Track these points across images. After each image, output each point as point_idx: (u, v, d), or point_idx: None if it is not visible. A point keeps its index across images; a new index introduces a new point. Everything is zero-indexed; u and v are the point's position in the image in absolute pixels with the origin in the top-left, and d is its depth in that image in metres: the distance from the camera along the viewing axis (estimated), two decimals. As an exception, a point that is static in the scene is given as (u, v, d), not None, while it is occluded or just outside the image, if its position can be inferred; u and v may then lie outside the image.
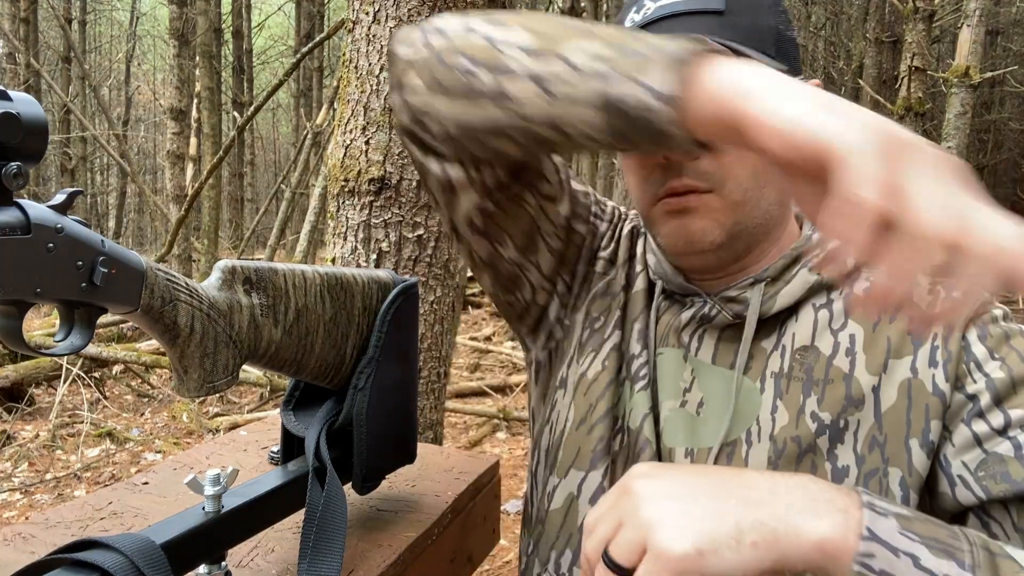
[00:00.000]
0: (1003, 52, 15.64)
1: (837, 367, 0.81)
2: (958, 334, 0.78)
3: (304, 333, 0.81)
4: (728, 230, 0.81)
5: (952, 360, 0.77)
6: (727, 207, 0.80)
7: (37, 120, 0.54)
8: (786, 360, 0.83)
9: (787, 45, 0.81)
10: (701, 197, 0.80)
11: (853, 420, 0.79)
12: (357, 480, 0.88)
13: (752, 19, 0.78)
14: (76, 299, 0.58)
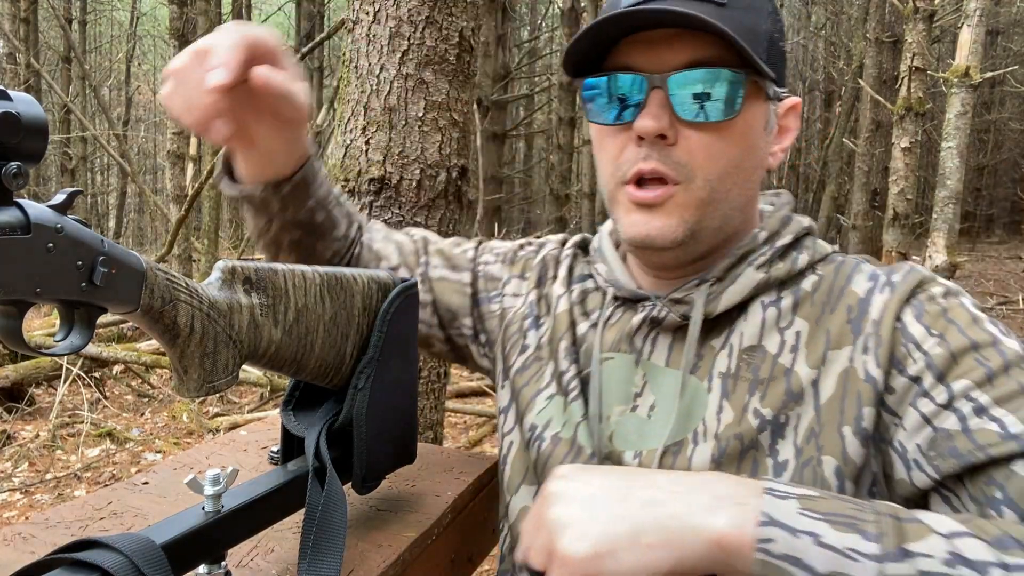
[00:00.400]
0: (1003, 52, 15.64)
1: (781, 364, 0.81)
2: (890, 318, 0.77)
3: (304, 333, 0.81)
4: (690, 227, 0.81)
5: (884, 345, 0.77)
6: (693, 203, 0.80)
7: (37, 120, 0.54)
8: (733, 360, 0.84)
9: (777, 55, 0.82)
10: (669, 190, 0.80)
11: (794, 415, 0.79)
12: (357, 480, 0.88)
13: (751, 20, 0.78)
14: (76, 299, 0.58)
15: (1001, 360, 0.70)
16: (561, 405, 0.93)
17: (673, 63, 0.77)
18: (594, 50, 0.82)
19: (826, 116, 15.77)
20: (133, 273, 0.62)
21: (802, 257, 0.85)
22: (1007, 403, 0.68)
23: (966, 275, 10.58)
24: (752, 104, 0.80)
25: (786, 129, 0.88)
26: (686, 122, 0.78)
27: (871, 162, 7.25)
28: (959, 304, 0.76)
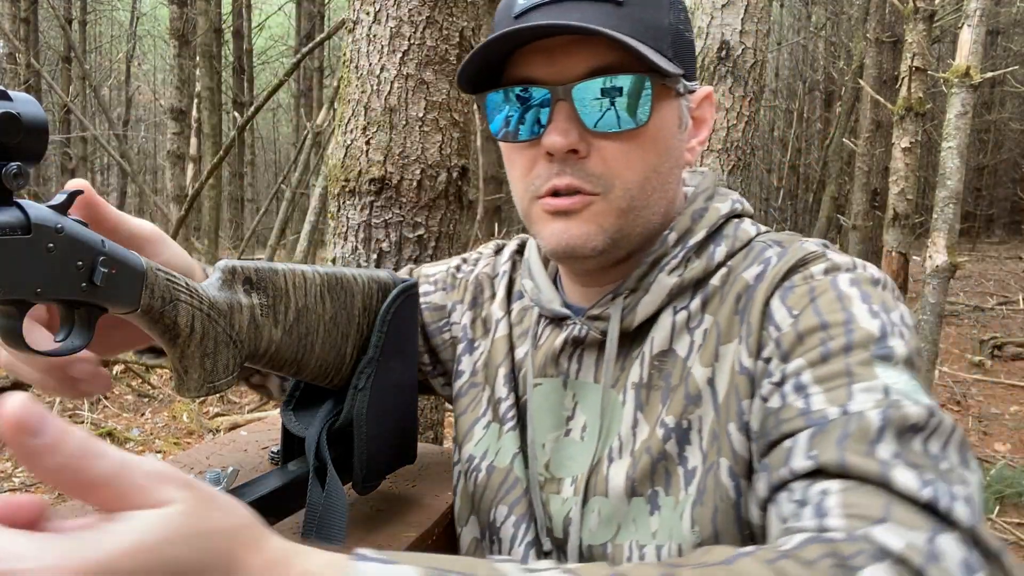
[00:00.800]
0: (1003, 52, 15.64)
1: (687, 367, 0.78)
2: (758, 305, 0.75)
3: (304, 333, 0.81)
4: (610, 236, 0.78)
5: (753, 333, 0.74)
6: (611, 212, 0.77)
7: (37, 120, 0.54)
8: (645, 369, 0.81)
9: (684, 47, 0.79)
10: (586, 199, 0.77)
11: (695, 418, 0.77)
12: (357, 480, 0.87)
13: (651, 15, 0.75)
14: (76, 299, 0.58)
15: (844, 341, 0.67)
16: (496, 433, 0.91)
17: (574, 72, 0.74)
18: (491, 62, 0.78)
19: (826, 116, 15.77)
20: (133, 273, 0.62)
21: (720, 250, 0.82)
22: (825, 382, 0.65)
23: (966, 275, 10.57)
24: (662, 105, 0.77)
25: (701, 121, 0.85)
26: (597, 133, 0.75)
27: (871, 162, 7.26)
28: (831, 282, 0.72)
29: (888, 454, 0.59)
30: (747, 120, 2.76)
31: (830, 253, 0.76)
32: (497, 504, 0.88)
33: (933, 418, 0.61)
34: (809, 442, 0.62)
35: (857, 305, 0.69)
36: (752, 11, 2.76)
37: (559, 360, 0.88)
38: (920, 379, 0.66)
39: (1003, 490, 3.94)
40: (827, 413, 0.63)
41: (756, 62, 2.78)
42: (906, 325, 0.69)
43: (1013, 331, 7.37)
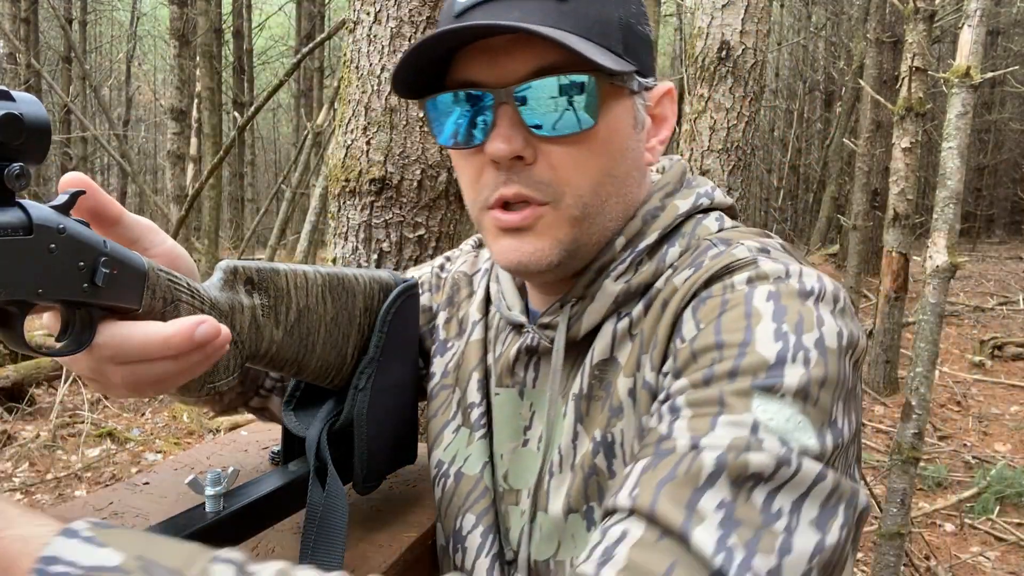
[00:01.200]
0: (1004, 52, 15.64)
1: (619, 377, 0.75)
2: (670, 315, 0.70)
3: (305, 333, 0.81)
4: (565, 248, 0.74)
5: (658, 345, 0.70)
6: (564, 223, 0.73)
7: (39, 121, 0.54)
8: (585, 379, 0.77)
9: (637, 42, 0.74)
10: (536, 212, 0.72)
11: (618, 431, 0.74)
12: (358, 480, 0.88)
13: (597, 9, 0.70)
14: (78, 300, 0.58)
15: (730, 365, 0.62)
16: (466, 438, 0.89)
17: (517, 74, 0.69)
18: (431, 65, 0.73)
19: (826, 116, 15.77)
20: (135, 273, 0.62)
21: (672, 251, 0.77)
22: (696, 407, 0.62)
23: (967, 275, 10.57)
24: (613, 105, 0.72)
25: (662, 118, 0.80)
26: (543, 137, 0.70)
27: (871, 162, 7.26)
28: (746, 295, 0.66)
29: (710, 505, 0.56)
30: (747, 120, 2.76)
31: (763, 260, 0.69)
32: (464, 512, 0.86)
33: (784, 469, 0.57)
34: (638, 477, 0.60)
35: (763, 325, 0.63)
36: (752, 11, 2.76)
37: (515, 369, 0.86)
38: (815, 413, 0.60)
39: (1003, 490, 3.94)
40: (676, 445, 0.60)
41: (756, 62, 2.78)
42: (822, 349, 0.62)
43: (1013, 331, 7.37)
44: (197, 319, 0.62)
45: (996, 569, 3.35)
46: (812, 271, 0.69)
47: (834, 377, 0.62)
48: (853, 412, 0.65)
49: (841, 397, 0.62)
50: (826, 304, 0.66)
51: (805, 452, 0.58)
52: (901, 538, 2.51)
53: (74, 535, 0.48)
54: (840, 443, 0.61)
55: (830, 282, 0.69)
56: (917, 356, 2.44)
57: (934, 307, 2.38)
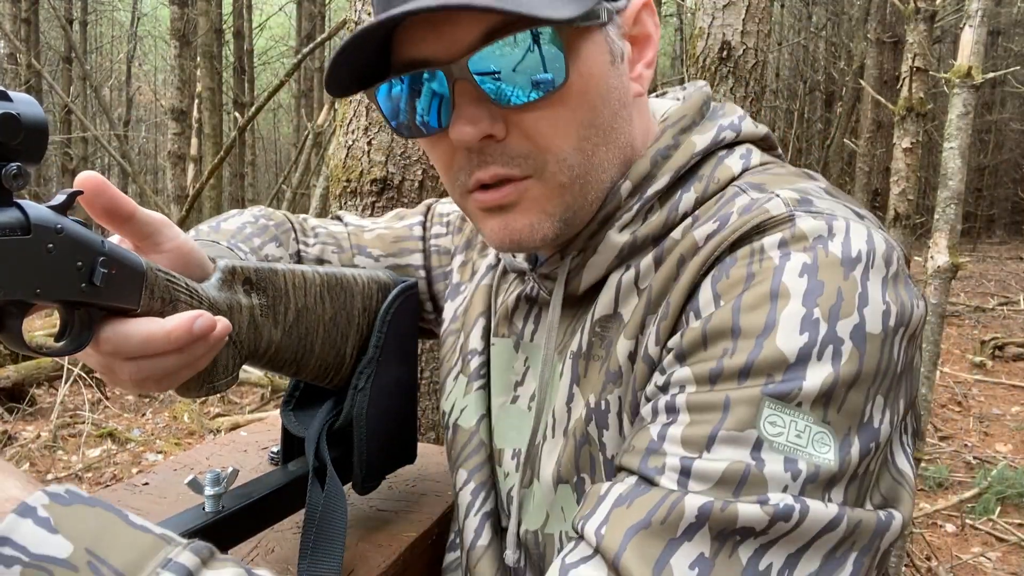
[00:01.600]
0: (1004, 52, 15.63)
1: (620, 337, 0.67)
2: (688, 279, 0.62)
3: (304, 333, 0.81)
4: (559, 218, 0.66)
5: (668, 317, 0.62)
6: (552, 193, 0.65)
7: (37, 120, 0.54)
8: (584, 336, 0.70)
9: None
10: (519, 186, 0.65)
11: (613, 399, 0.66)
12: (357, 480, 0.87)
13: None
14: (76, 300, 0.58)
15: (743, 361, 0.54)
16: (463, 388, 0.85)
17: (465, 42, 0.60)
18: (372, 50, 0.65)
19: (827, 116, 15.76)
20: (133, 274, 0.62)
21: (687, 197, 0.67)
22: (696, 412, 0.55)
23: (967, 275, 10.57)
24: (581, 47, 0.62)
25: (643, 38, 0.69)
26: (510, 107, 0.62)
27: (872, 162, 7.25)
28: (776, 266, 0.56)
29: (683, 562, 0.49)
30: (748, 120, 2.76)
31: (802, 216, 0.59)
32: (459, 468, 0.82)
33: (781, 524, 0.49)
34: (610, 510, 0.54)
35: (790, 308, 0.54)
36: (753, 11, 2.76)
37: (513, 319, 0.80)
38: (839, 420, 0.52)
39: (1004, 491, 3.94)
40: (664, 464, 0.54)
41: (757, 62, 2.78)
42: (860, 339, 0.53)
43: (1014, 331, 7.36)
44: (194, 313, 0.62)
45: (997, 570, 3.35)
46: (861, 227, 0.58)
47: (872, 370, 0.53)
48: (900, 399, 0.57)
49: (881, 390, 0.54)
50: (876, 272, 0.56)
51: (816, 475, 0.51)
52: (902, 538, 2.51)
53: (30, 513, 0.46)
54: (874, 445, 0.54)
55: (882, 239, 0.58)
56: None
57: (935, 307, 2.37)
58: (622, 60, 0.67)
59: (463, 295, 0.92)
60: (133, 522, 0.50)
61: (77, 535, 0.47)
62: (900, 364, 0.56)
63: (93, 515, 0.49)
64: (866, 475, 0.54)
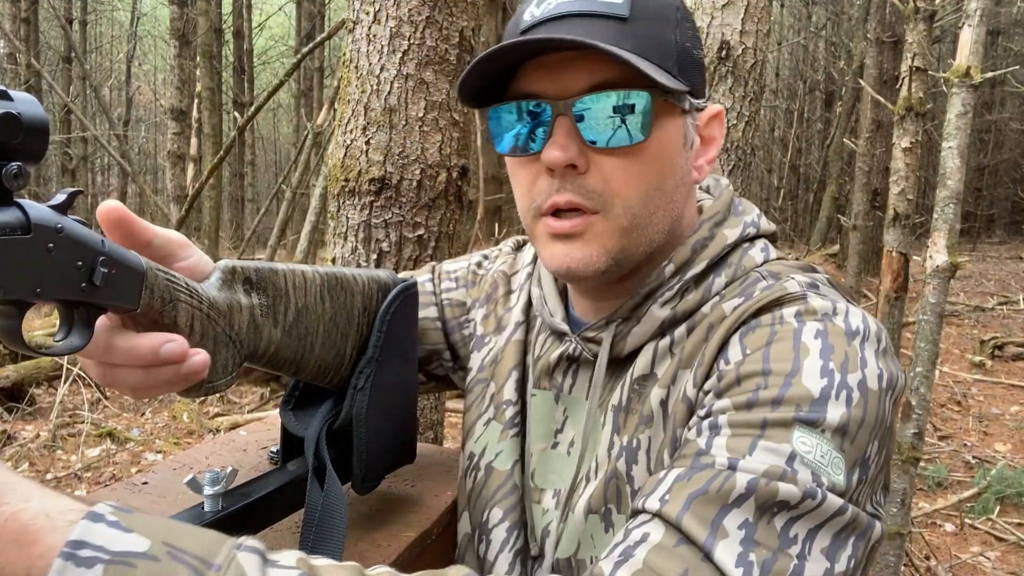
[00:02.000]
0: (1004, 52, 15.64)
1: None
2: (719, 337, 0.74)
3: (304, 333, 0.81)
4: (613, 257, 0.77)
5: (704, 364, 0.74)
6: (614, 232, 0.76)
7: (38, 120, 0.54)
8: (624, 392, 0.81)
9: (691, 65, 0.77)
10: (587, 220, 0.75)
11: (644, 437, 0.77)
12: (357, 480, 0.88)
13: (657, 32, 0.74)
14: (76, 299, 0.58)
15: (775, 393, 0.65)
16: (497, 432, 0.92)
17: (576, 87, 0.73)
18: (496, 77, 0.77)
19: (826, 116, 15.77)
20: (133, 273, 0.62)
21: (719, 281, 0.80)
22: (737, 428, 0.65)
23: (967, 275, 10.57)
24: (665, 122, 0.75)
25: (710, 139, 0.83)
26: (596, 148, 0.74)
27: (871, 162, 7.26)
28: (795, 329, 0.69)
29: (733, 523, 0.60)
30: (747, 120, 2.76)
31: (812, 296, 0.73)
32: (492, 507, 0.89)
33: (808, 500, 0.61)
34: (671, 484, 0.64)
35: (810, 359, 0.67)
36: (752, 11, 2.76)
37: (554, 374, 0.89)
38: (850, 451, 0.64)
39: (1003, 490, 3.94)
40: (715, 461, 0.64)
41: (756, 62, 2.78)
42: (864, 390, 0.66)
43: (1014, 331, 7.37)
44: (165, 336, 0.64)
45: (996, 569, 3.35)
46: (857, 310, 0.72)
47: (872, 418, 0.66)
48: (885, 449, 0.68)
49: (877, 436, 0.66)
50: (870, 344, 0.69)
51: (833, 489, 0.62)
52: (901, 538, 2.51)
53: (100, 519, 0.49)
54: (864, 479, 0.65)
55: (874, 322, 0.72)
56: (917, 356, 2.44)
57: (934, 307, 2.38)
58: (691, 147, 0.80)
59: (489, 346, 0.99)
60: (191, 526, 0.54)
61: (150, 532, 0.50)
62: (889, 420, 0.68)
63: (154, 519, 0.52)
64: (857, 503, 0.65)
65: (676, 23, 0.76)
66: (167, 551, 0.49)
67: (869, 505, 0.68)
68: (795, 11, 16.96)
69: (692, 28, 0.79)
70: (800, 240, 14.88)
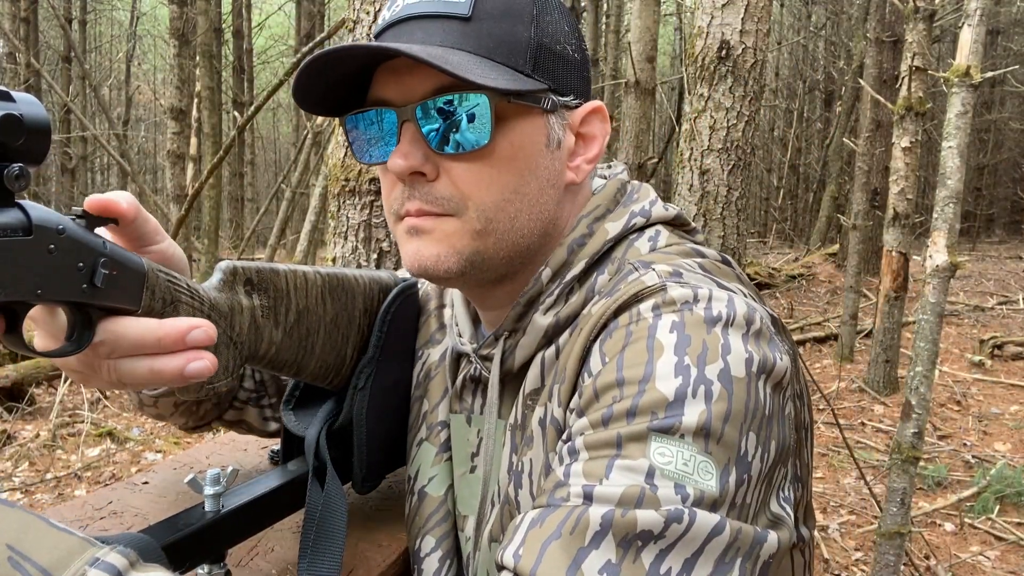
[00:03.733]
0: (1003, 52, 15.64)
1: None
2: (580, 347, 0.70)
3: (305, 335, 0.81)
4: (467, 259, 0.74)
5: (565, 381, 0.70)
6: (465, 234, 0.73)
7: (39, 121, 0.54)
8: (519, 409, 0.77)
9: (552, 61, 0.74)
10: (437, 219, 0.73)
11: (526, 460, 0.74)
12: (357, 480, 0.88)
13: (505, 29, 0.71)
14: (77, 300, 0.58)
15: (629, 404, 0.61)
16: (431, 455, 0.89)
17: (419, 92, 0.71)
18: (348, 83, 0.75)
19: (826, 116, 15.76)
20: (134, 274, 0.62)
21: (602, 279, 0.76)
22: (594, 450, 0.61)
23: (966, 275, 10.57)
24: (516, 123, 0.72)
25: (590, 137, 0.79)
26: (444, 154, 0.72)
27: (871, 162, 7.26)
28: (650, 326, 0.64)
29: (594, 566, 0.54)
30: (747, 120, 2.76)
31: (672, 285, 0.67)
32: (424, 535, 0.86)
33: (675, 526, 0.55)
34: (525, 533, 0.58)
35: (664, 358, 0.62)
36: (752, 11, 2.76)
37: (463, 396, 0.86)
38: (718, 451, 0.59)
39: (1003, 490, 3.94)
40: (569, 492, 0.59)
41: (756, 62, 2.78)
42: (727, 380, 0.60)
43: (1013, 331, 7.37)
44: (192, 322, 0.63)
45: (996, 569, 3.35)
46: (724, 294, 0.67)
47: (741, 409, 0.60)
48: (773, 440, 0.63)
49: (752, 428, 0.61)
50: (736, 329, 0.64)
51: (701, 499, 0.57)
52: (901, 538, 2.51)
53: None
54: (747, 478, 0.60)
55: (743, 304, 0.66)
56: (917, 356, 2.44)
57: (934, 306, 2.38)
58: (557, 147, 0.76)
59: (422, 360, 0.95)
60: (56, 525, 0.49)
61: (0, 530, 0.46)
62: (768, 407, 0.63)
63: (14, 515, 0.47)
64: (744, 507, 0.60)
65: (532, 19, 0.72)
66: (8, 556, 0.44)
67: (771, 507, 0.64)
68: (795, 11, 16.96)
69: (557, 23, 0.75)
70: (800, 240, 14.88)
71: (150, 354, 0.62)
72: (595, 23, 9.47)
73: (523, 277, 0.79)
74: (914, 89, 4.09)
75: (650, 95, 5.06)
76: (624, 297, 0.68)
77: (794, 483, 0.70)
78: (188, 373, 0.63)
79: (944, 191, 2.37)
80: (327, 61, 0.69)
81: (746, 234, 2.61)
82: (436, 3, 0.71)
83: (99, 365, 0.63)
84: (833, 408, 4.34)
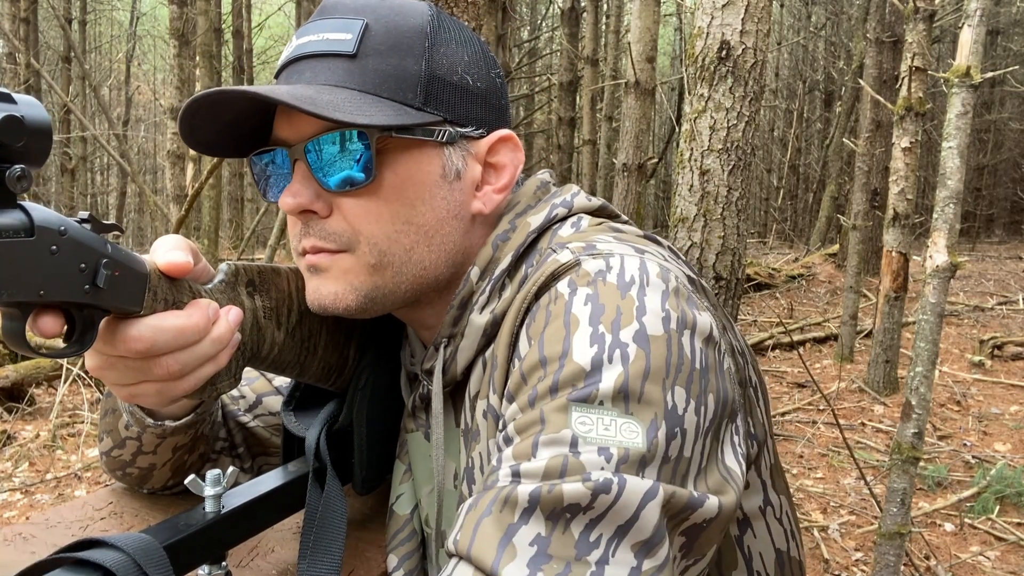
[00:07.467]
0: (1003, 52, 15.64)
1: None
2: (507, 333, 0.70)
3: (307, 335, 0.81)
4: (365, 295, 0.75)
5: (498, 368, 0.70)
6: (361, 269, 0.74)
7: (40, 123, 0.54)
8: (467, 413, 0.77)
9: (448, 93, 0.74)
10: (333, 256, 0.75)
11: (476, 456, 0.74)
12: (357, 480, 0.88)
13: (392, 64, 0.72)
14: (79, 301, 0.58)
15: (551, 381, 0.61)
16: (400, 472, 0.90)
17: (308, 131, 0.72)
18: (253, 123, 0.77)
19: (826, 116, 15.77)
20: (136, 275, 0.62)
21: (530, 270, 0.75)
22: (522, 432, 0.61)
23: (966, 275, 10.57)
24: (404, 157, 0.73)
25: (499, 166, 0.79)
26: (334, 191, 0.73)
27: (871, 162, 7.26)
28: (566, 302, 0.65)
29: (524, 540, 0.55)
30: (747, 120, 2.76)
31: (586, 259, 0.68)
32: (389, 553, 0.86)
33: (603, 496, 0.55)
34: (464, 518, 0.59)
35: (580, 330, 0.62)
36: (752, 11, 2.76)
37: (416, 414, 0.87)
38: (641, 410, 0.59)
39: (1003, 490, 3.94)
40: (499, 476, 0.59)
41: (756, 62, 2.78)
42: (643, 340, 0.61)
43: (1013, 331, 7.37)
44: (225, 308, 0.69)
45: (996, 569, 3.35)
46: (636, 258, 0.67)
47: (661, 365, 0.60)
48: (710, 393, 0.63)
49: (679, 382, 0.61)
50: (652, 289, 0.64)
51: (626, 457, 0.57)
52: (901, 538, 2.51)
53: None
54: (680, 431, 0.59)
55: (656, 265, 0.67)
56: (917, 356, 2.44)
57: (934, 307, 2.38)
58: (456, 178, 0.77)
59: (404, 370, 0.94)
60: None
61: None
62: (700, 361, 0.63)
63: None
64: (679, 460, 0.59)
65: (423, 52, 0.73)
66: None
67: (725, 460, 0.64)
68: (795, 11, 16.97)
69: (455, 54, 0.76)
70: (800, 240, 14.88)
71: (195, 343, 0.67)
72: (595, 23, 9.47)
73: (451, 290, 0.79)
74: (914, 89, 4.09)
75: (650, 95, 5.06)
76: (542, 278, 0.69)
77: (748, 439, 0.70)
78: (232, 322, 0.69)
79: (944, 191, 2.37)
80: (206, 104, 0.71)
81: (746, 234, 2.61)
82: (323, 43, 0.72)
83: (149, 365, 0.65)
84: (833, 408, 4.34)
